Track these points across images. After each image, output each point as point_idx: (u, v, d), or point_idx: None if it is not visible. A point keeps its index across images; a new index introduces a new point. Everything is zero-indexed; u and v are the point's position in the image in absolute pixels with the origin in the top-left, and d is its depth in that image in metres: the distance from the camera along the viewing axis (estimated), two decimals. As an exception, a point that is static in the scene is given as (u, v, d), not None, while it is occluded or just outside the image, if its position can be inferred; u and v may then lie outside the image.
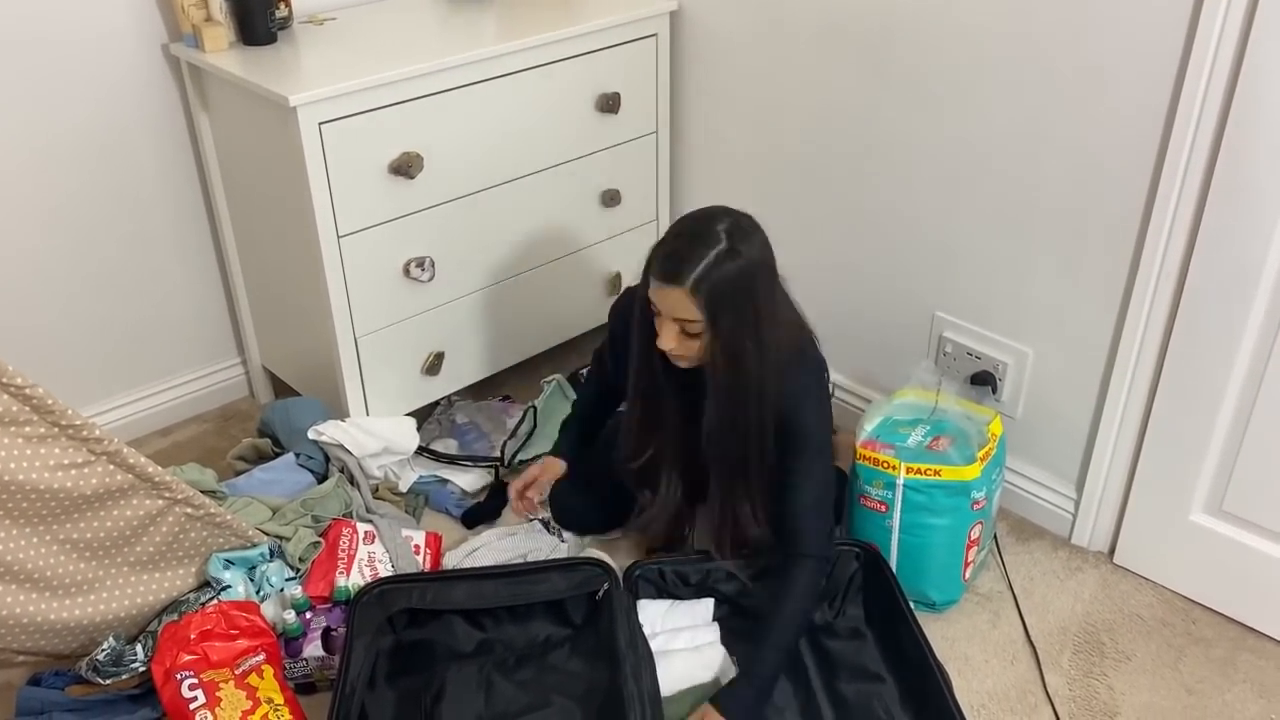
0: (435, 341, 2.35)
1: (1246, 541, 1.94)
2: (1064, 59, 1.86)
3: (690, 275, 1.65)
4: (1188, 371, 1.90)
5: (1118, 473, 2.08)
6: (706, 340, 1.71)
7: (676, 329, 1.71)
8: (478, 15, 2.40)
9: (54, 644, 1.78)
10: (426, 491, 2.30)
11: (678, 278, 1.66)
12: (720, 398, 1.77)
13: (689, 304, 1.67)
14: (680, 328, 1.71)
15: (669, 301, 1.69)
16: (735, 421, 1.78)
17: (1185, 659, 1.93)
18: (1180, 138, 1.76)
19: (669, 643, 1.83)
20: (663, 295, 1.69)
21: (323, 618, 1.89)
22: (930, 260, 2.21)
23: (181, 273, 2.46)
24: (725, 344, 1.70)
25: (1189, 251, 1.83)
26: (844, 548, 1.95)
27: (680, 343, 1.73)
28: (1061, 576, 2.11)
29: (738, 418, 1.78)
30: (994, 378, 2.18)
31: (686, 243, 1.68)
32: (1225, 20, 1.66)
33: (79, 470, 1.67)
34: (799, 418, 1.78)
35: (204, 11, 2.16)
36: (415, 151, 2.13)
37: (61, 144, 2.19)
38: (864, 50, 2.15)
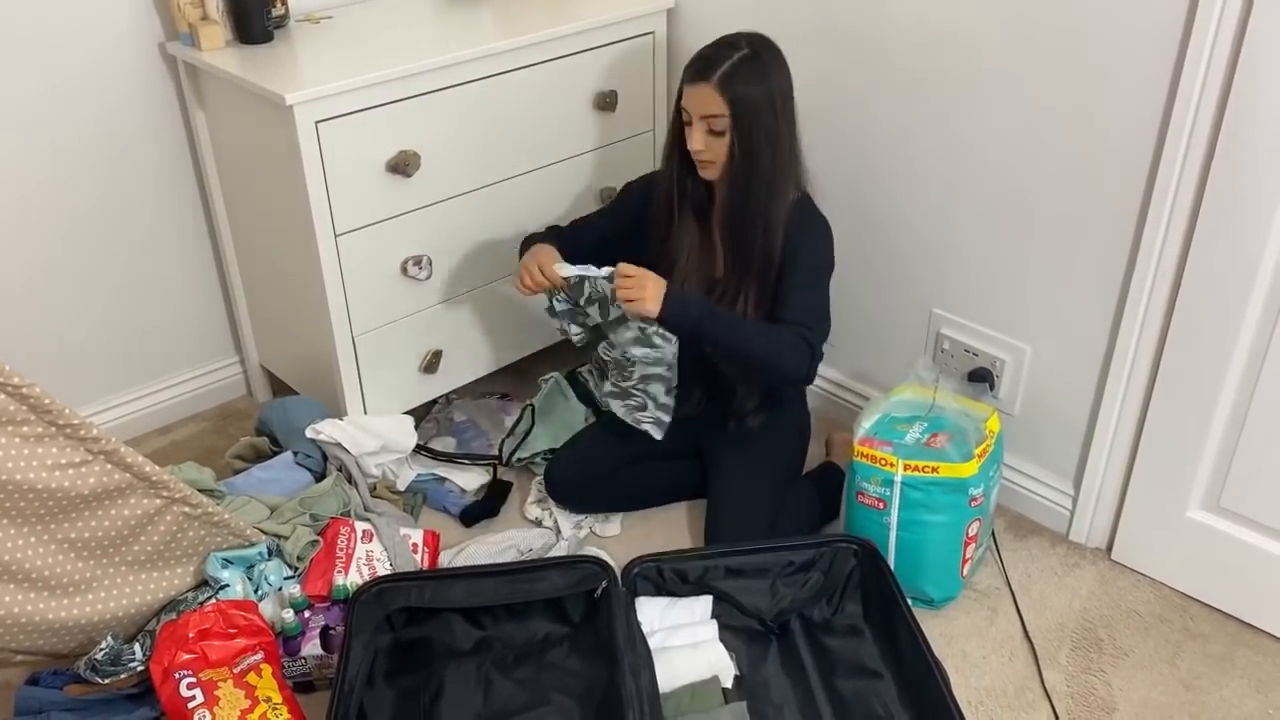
0: (433, 340, 2.35)
1: (1244, 538, 1.94)
2: (1060, 56, 1.86)
3: (716, 72, 1.87)
4: (1185, 368, 1.90)
5: (1115, 469, 2.08)
6: (729, 137, 1.89)
7: (704, 128, 1.91)
8: (474, 13, 2.39)
9: (52, 643, 1.78)
10: (424, 490, 2.30)
11: (705, 75, 1.88)
12: (735, 184, 1.95)
13: (715, 98, 1.87)
14: (707, 126, 1.90)
15: (697, 99, 1.90)
16: (746, 208, 1.95)
17: (1183, 655, 1.93)
18: (1176, 136, 1.76)
19: (667, 640, 1.83)
20: (692, 94, 1.90)
21: (321, 616, 1.89)
22: (928, 257, 2.21)
23: (179, 272, 2.46)
24: (744, 139, 1.89)
25: (1185, 249, 1.83)
26: (841, 545, 1.95)
27: (707, 143, 1.92)
28: (1059, 573, 2.11)
29: (749, 204, 1.95)
30: (991, 374, 2.18)
31: (714, 48, 1.91)
32: (1221, 18, 1.66)
33: (76, 470, 1.67)
34: (801, 239, 1.98)
35: (200, 10, 2.16)
36: (412, 150, 2.13)
37: (58, 143, 2.19)
38: (860, 49, 2.15)
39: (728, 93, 1.87)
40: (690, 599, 1.92)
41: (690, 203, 2.04)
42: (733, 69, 1.87)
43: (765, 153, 1.91)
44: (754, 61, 1.88)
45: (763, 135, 1.90)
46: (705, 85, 1.88)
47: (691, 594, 1.93)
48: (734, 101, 1.87)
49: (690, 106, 1.91)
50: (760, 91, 1.88)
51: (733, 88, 1.87)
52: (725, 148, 1.91)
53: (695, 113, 1.91)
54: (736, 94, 1.87)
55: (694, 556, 1.95)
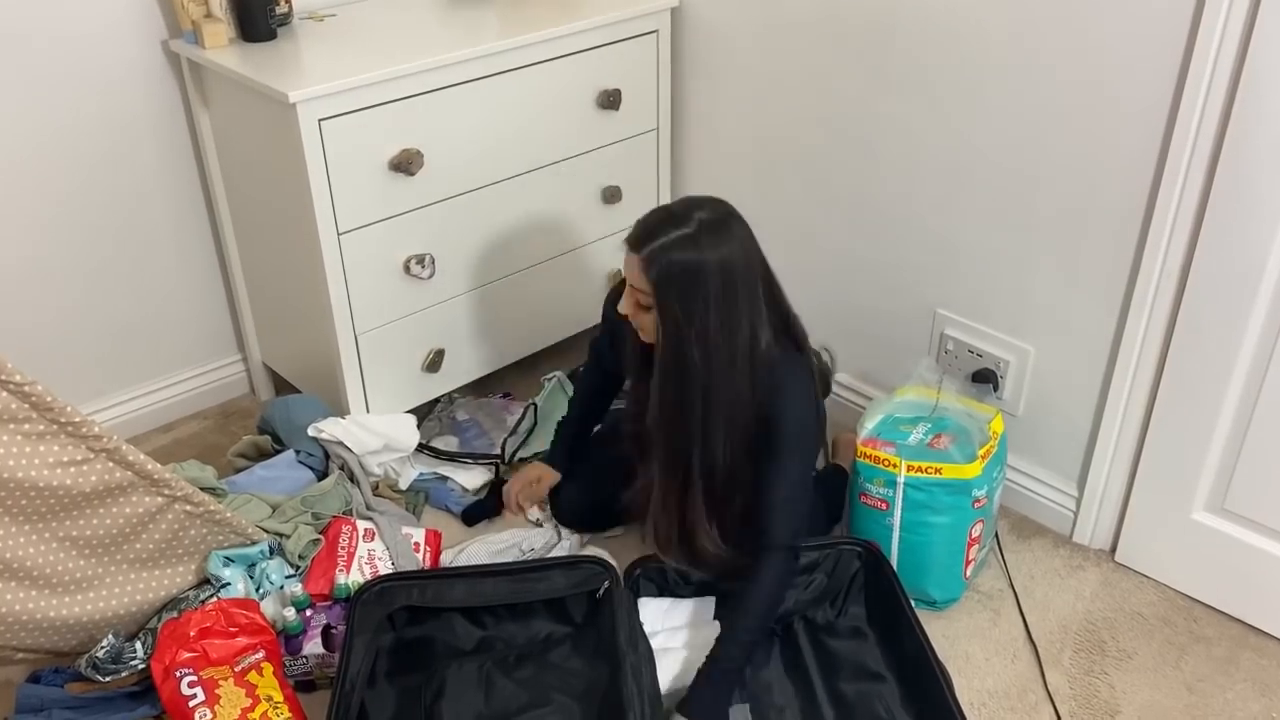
0: (435, 338, 2.35)
1: (1248, 540, 1.94)
2: (1066, 55, 1.85)
3: (646, 246, 1.68)
4: (1190, 369, 1.90)
5: (1119, 471, 2.07)
6: (654, 319, 1.73)
7: (634, 298, 1.75)
8: (478, 11, 2.39)
9: (53, 641, 1.78)
10: (427, 489, 2.30)
11: (637, 245, 1.70)
12: (661, 382, 1.77)
13: (640, 274, 1.70)
14: (635, 299, 1.74)
15: (629, 267, 1.73)
16: (677, 412, 1.76)
17: (1187, 657, 1.92)
18: (1183, 135, 1.75)
19: (669, 641, 1.83)
20: (626, 260, 1.74)
21: (323, 615, 1.89)
22: (932, 257, 2.20)
23: (182, 270, 2.46)
24: (669, 329, 1.71)
25: (1191, 249, 1.82)
26: (846, 546, 1.94)
27: (635, 312, 1.76)
28: (1063, 574, 2.10)
29: (680, 409, 1.75)
30: (995, 375, 2.17)
31: (660, 216, 1.72)
32: (1228, 16, 1.65)
33: (78, 468, 1.67)
34: (777, 419, 1.76)
35: (204, 8, 2.16)
36: (415, 148, 2.12)
37: (61, 141, 2.19)
38: (866, 47, 2.14)
39: (651, 273, 1.67)
40: (693, 600, 1.91)
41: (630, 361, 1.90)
42: (663, 248, 1.66)
43: (693, 354, 1.69)
44: (691, 245, 1.65)
45: (692, 332, 1.68)
46: (634, 255, 1.69)
47: (694, 595, 1.93)
48: (659, 283, 1.67)
49: (625, 272, 1.74)
50: (691, 281, 1.65)
51: (657, 269, 1.66)
52: (653, 325, 1.73)
53: (628, 280, 1.74)
54: (661, 277, 1.66)
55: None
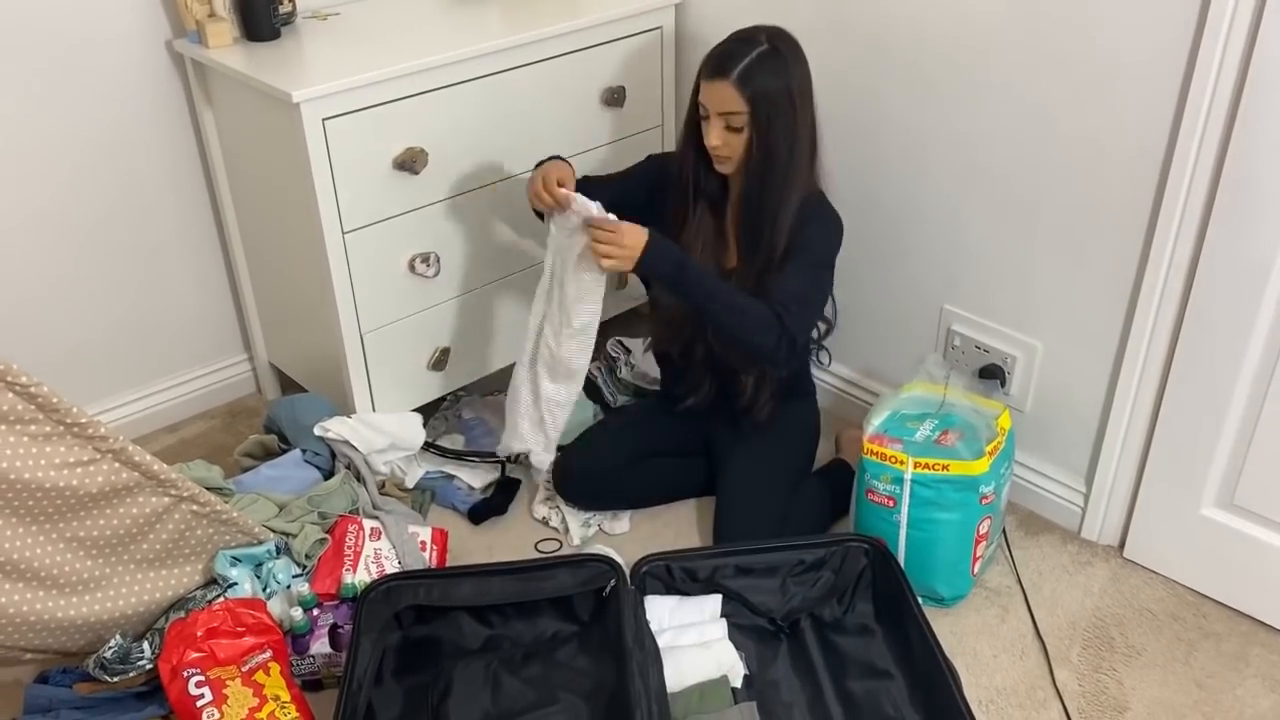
0: (441, 337, 2.35)
1: (1258, 535, 1.93)
2: (1072, 50, 1.85)
3: (735, 69, 1.85)
4: (1198, 364, 1.89)
5: (1128, 466, 2.06)
6: (747, 133, 1.88)
7: (722, 124, 1.88)
8: (482, 9, 2.39)
9: (61, 642, 1.78)
10: (433, 487, 2.30)
11: (724, 71, 1.85)
12: (751, 179, 1.93)
13: (734, 96, 1.85)
14: (725, 122, 1.88)
15: (716, 96, 1.87)
16: (761, 203, 1.94)
17: (1196, 653, 1.91)
18: (1190, 129, 1.74)
19: (676, 639, 1.83)
20: (710, 90, 1.88)
21: (330, 615, 1.89)
22: (938, 253, 2.20)
23: (187, 269, 2.46)
24: (762, 136, 1.88)
25: (1199, 243, 1.81)
26: (853, 544, 1.94)
27: (725, 139, 1.89)
28: (1071, 571, 2.10)
29: (764, 199, 1.93)
30: (1003, 371, 2.16)
31: (732, 43, 1.89)
32: (1235, 9, 1.64)
33: (85, 468, 1.67)
34: (810, 227, 1.96)
35: (207, 7, 2.16)
36: (420, 147, 2.12)
37: (66, 141, 2.19)
38: (871, 43, 2.13)
39: (746, 90, 1.84)
40: (699, 598, 1.91)
41: (705, 195, 2.02)
42: (752, 65, 1.84)
43: (783, 149, 1.89)
44: (773, 57, 1.86)
45: (781, 132, 1.88)
46: (724, 82, 1.85)
47: (701, 593, 1.92)
48: (753, 99, 1.85)
49: (708, 103, 1.89)
50: (779, 88, 1.86)
51: (751, 85, 1.84)
52: (743, 143, 1.90)
53: (713, 109, 1.89)
54: (755, 91, 1.85)
55: (703, 555, 1.95)
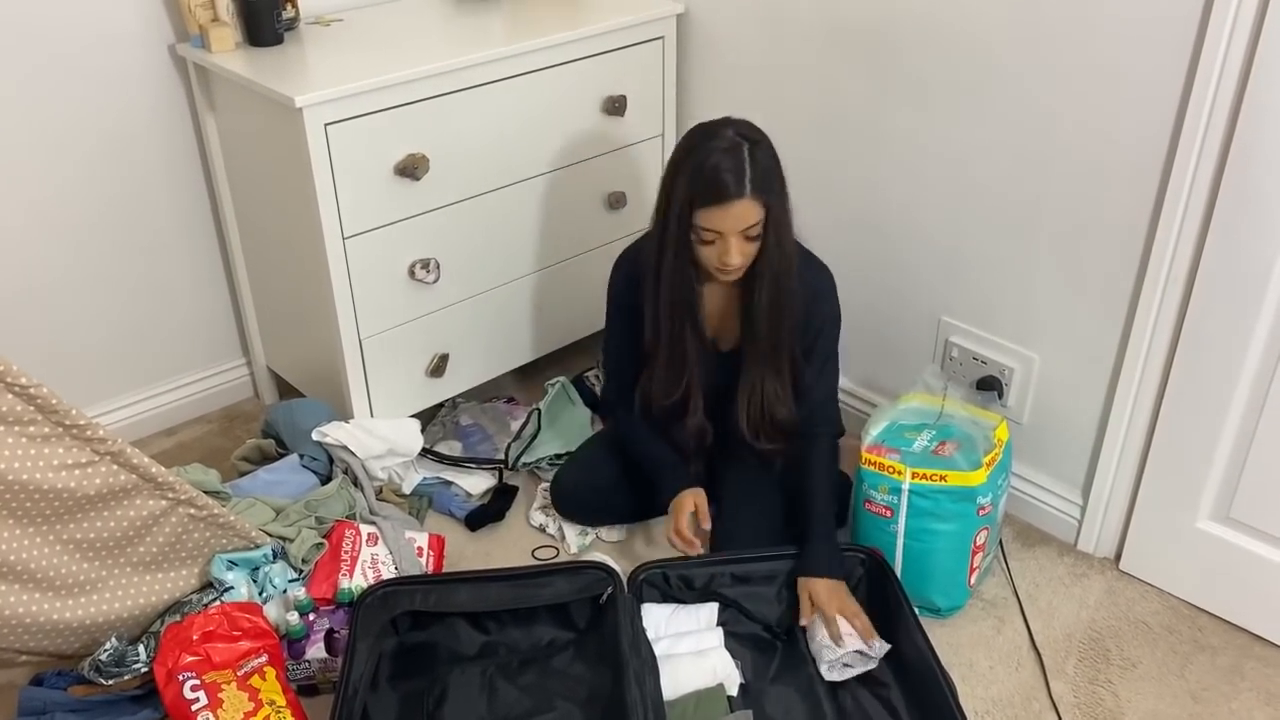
0: (440, 343, 2.35)
1: (1253, 549, 1.93)
2: (1071, 62, 1.85)
3: (746, 182, 1.76)
4: (1195, 377, 1.89)
5: (1124, 479, 2.07)
6: (762, 239, 1.83)
7: (740, 240, 1.80)
8: (484, 17, 2.39)
9: (56, 644, 1.77)
10: (430, 493, 2.30)
11: (739, 190, 1.76)
12: (769, 280, 1.88)
13: (753, 209, 1.78)
14: (744, 235, 1.80)
15: (730, 218, 1.78)
16: (780, 299, 1.90)
17: (1191, 666, 1.92)
18: (1189, 142, 1.75)
19: (673, 647, 1.82)
20: (722, 214, 1.78)
21: (326, 619, 1.88)
22: (936, 264, 2.20)
23: (187, 273, 2.46)
24: (772, 233, 1.83)
25: (1197, 257, 1.82)
26: (849, 553, 1.94)
27: (745, 250, 1.82)
28: (1067, 583, 2.10)
29: (782, 294, 1.89)
30: (1000, 383, 2.17)
31: (724, 160, 1.77)
32: (1234, 24, 1.65)
33: (82, 470, 1.67)
34: (821, 307, 1.97)
35: (211, 12, 2.16)
36: (421, 153, 2.12)
37: (67, 145, 2.19)
38: (871, 55, 2.14)
39: (760, 197, 1.78)
40: (696, 606, 1.91)
41: (687, 308, 1.95)
42: (758, 171, 1.78)
43: (788, 238, 1.87)
44: (759, 150, 1.79)
45: (786, 213, 1.85)
46: (740, 201, 1.77)
47: (697, 601, 1.92)
48: (766, 203, 1.79)
49: (720, 226, 1.79)
50: (776, 176, 1.82)
51: (761, 190, 1.78)
52: (756, 249, 1.84)
53: (729, 230, 1.79)
54: (767, 192, 1.79)
55: (700, 563, 1.94)
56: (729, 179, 1.76)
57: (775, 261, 1.87)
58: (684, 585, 1.93)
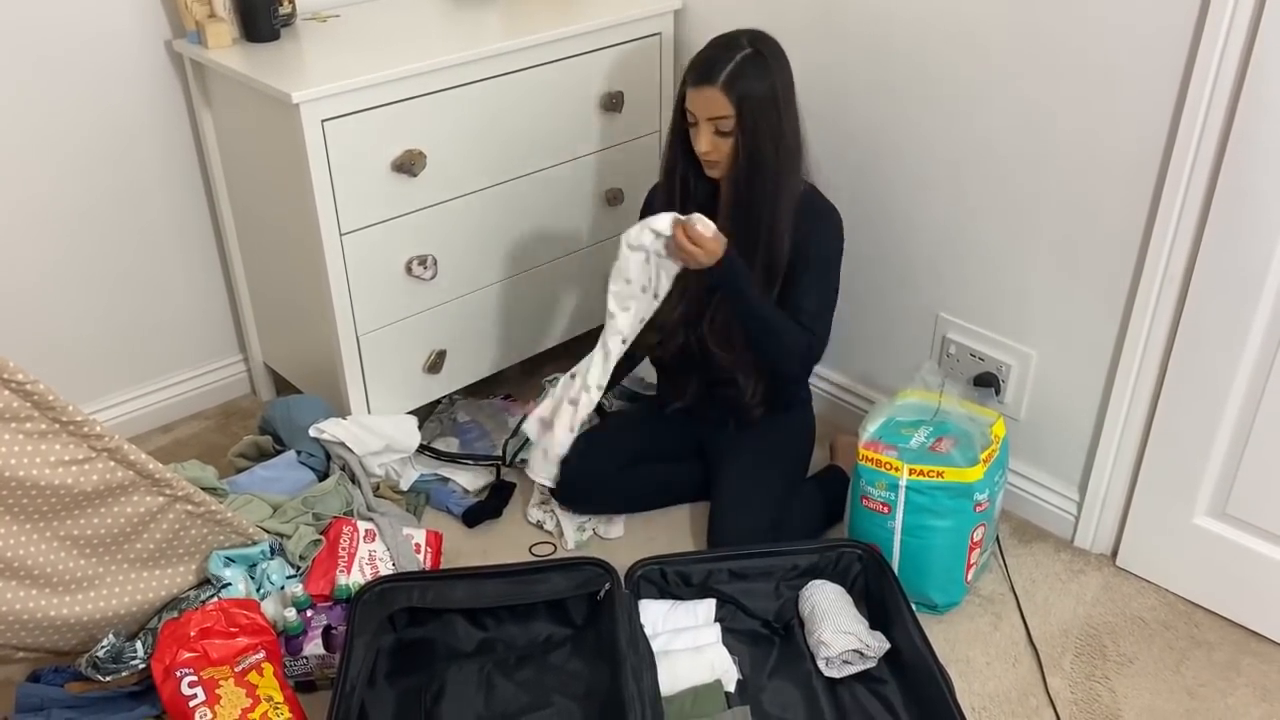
0: (437, 340, 2.35)
1: (1250, 545, 1.93)
2: (1069, 61, 1.86)
3: (721, 74, 1.87)
4: (1191, 374, 1.89)
5: (1121, 475, 2.07)
6: (735, 137, 1.89)
7: (711, 129, 1.91)
8: (481, 13, 2.39)
9: (54, 640, 1.77)
10: (427, 490, 2.30)
11: (710, 77, 1.87)
12: (740, 181, 1.94)
13: (721, 100, 1.87)
14: (714, 127, 1.90)
15: (702, 101, 1.89)
16: (752, 205, 1.95)
17: (1188, 662, 1.92)
18: (1185, 141, 1.75)
19: (670, 643, 1.83)
20: (697, 96, 1.90)
21: (323, 616, 1.88)
22: (934, 261, 2.20)
23: (183, 270, 2.46)
24: (748, 138, 1.89)
25: (1193, 253, 1.82)
26: (846, 549, 1.94)
27: (714, 144, 1.92)
28: (1064, 579, 2.10)
29: (754, 201, 1.95)
30: (997, 379, 2.17)
31: (716, 49, 1.91)
32: (1231, 24, 1.65)
33: (80, 467, 1.67)
34: (815, 234, 2.00)
35: (207, 8, 2.16)
36: (418, 149, 2.12)
37: (64, 140, 2.19)
38: (869, 52, 2.14)
39: (733, 94, 1.87)
40: (693, 602, 1.91)
41: (696, 202, 2.02)
42: (737, 69, 1.87)
43: (769, 149, 1.92)
44: (757, 60, 1.89)
45: (768, 133, 1.91)
46: (711, 88, 1.87)
47: (695, 597, 1.93)
48: (740, 102, 1.87)
49: (695, 109, 1.91)
50: (764, 90, 1.88)
51: (738, 88, 1.87)
52: (731, 146, 1.92)
53: (701, 115, 1.91)
54: (742, 94, 1.87)
55: (697, 559, 1.95)
56: (707, 66, 1.88)
57: (746, 167, 1.92)
58: (681, 581, 1.93)
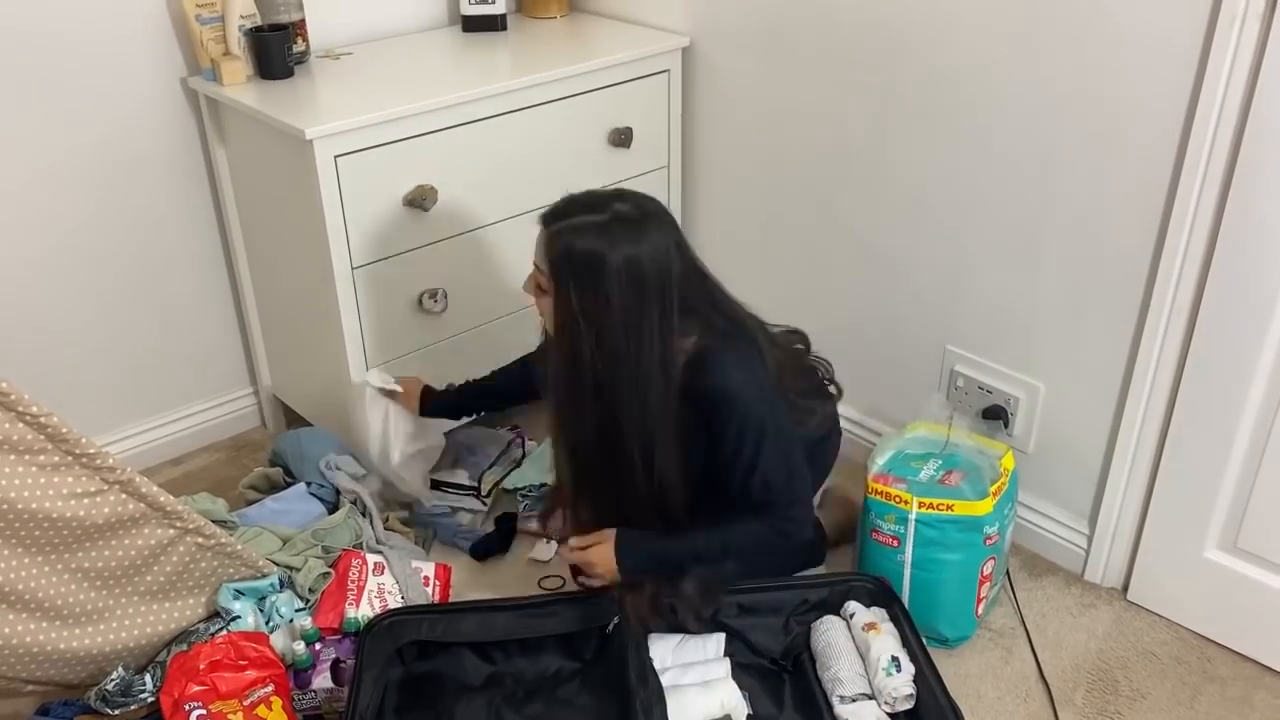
0: (447, 373, 2.35)
1: (1262, 579, 1.92)
2: (1074, 93, 1.87)
3: (555, 223, 1.62)
4: (1201, 407, 1.89)
5: (1131, 508, 2.06)
6: (550, 307, 1.65)
7: (536, 278, 1.69)
8: (492, 50, 2.42)
9: (63, 673, 1.77)
10: (435, 524, 2.30)
11: (547, 219, 1.65)
12: (554, 374, 1.70)
13: (542, 252, 1.64)
14: (537, 279, 1.68)
15: (537, 242, 1.67)
16: (570, 410, 1.70)
17: (1200, 698, 1.90)
18: (1192, 171, 1.76)
19: (679, 678, 1.81)
20: (537, 235, 1.67)
21: (332, 649, 1.88)
22: (941, 293, 2.21)
23: (196, 303, 2.48)
24: (562, 319, 1.63)
25: (1201, 284, 1.83)
26: (856, 583, 1.93)
27: (535, 292, 1.69)
28: (1075, 613, 2.09)
29: (573, 407, 1.69)
30: (1005, 412, 2.17)
31: (579, 198, 1.66)
32: (1235, 53, 1.66)
33: (91, 499, 1.68)
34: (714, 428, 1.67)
35: (223, 46, 2.19)
36: (429, 184, 2.14)
37: (80, 175, 2.22)
38: (874, 87, 2.16)
39: (550, 253, 1.60)
40: (702, 636, 1.90)
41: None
42: (572, 228, 1.59)
43: (587, 350, 1.60)
44: (602, 234, 1.58)
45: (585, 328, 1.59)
46: (541, 229, 1.65)
47: (704, 631, 1.91)
48: (558, 265, 1.60)
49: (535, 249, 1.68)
50: (595, 270, 1.56)
51: (562, 248, 1.59)
52: (547, 307, 1.65)
53: (535, 255, 1.68)
54: (563, 258, 1.59)
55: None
56: (553, 206, 1.66)
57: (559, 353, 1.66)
58: (692, 615, 1.92)
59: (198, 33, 2.18)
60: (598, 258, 1.57)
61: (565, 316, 1.62)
